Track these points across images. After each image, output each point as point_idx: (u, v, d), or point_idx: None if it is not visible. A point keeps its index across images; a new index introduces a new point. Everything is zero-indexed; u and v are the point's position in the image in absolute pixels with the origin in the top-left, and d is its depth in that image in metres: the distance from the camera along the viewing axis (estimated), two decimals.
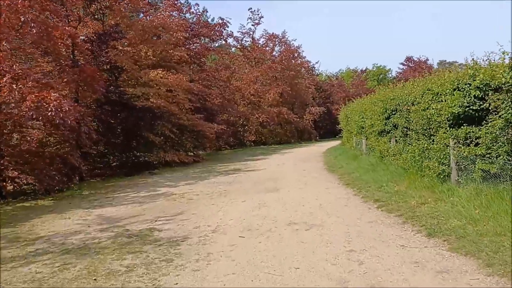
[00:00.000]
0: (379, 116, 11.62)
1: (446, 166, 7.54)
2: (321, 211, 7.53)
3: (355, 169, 12.50)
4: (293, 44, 47.78)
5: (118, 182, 15.49)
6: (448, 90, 7.44)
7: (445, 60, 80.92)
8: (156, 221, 7.94)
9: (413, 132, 9.12)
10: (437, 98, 7.91)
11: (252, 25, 44.46)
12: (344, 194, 9.18)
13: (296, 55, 48.40)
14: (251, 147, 38.45)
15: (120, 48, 19.73)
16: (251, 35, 45.01)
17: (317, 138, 49.37)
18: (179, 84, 21.03)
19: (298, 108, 47.66)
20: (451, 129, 7.40)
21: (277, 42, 47.54)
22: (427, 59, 76.41)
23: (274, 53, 47.38)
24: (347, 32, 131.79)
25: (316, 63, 67.69)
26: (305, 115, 46.65)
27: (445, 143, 7.56)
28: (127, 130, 19.62)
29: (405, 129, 9.76)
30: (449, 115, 7.36)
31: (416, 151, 8.78)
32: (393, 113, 10.66)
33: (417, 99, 8.82)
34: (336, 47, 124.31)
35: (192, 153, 23.93)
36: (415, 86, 9.22)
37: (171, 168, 19.48)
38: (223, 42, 37.93)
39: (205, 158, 24.15)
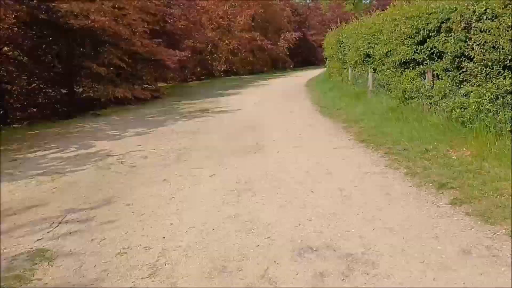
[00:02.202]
0: (405, 40, 8.13)
1: None
2: (350, 210, 4.25)
3: (363, 114, 9.20)
4: None
5: (46, 129, 11.71)
6: None
7: None
8: (59, 223, 4.53)
9: (479, 64, 5.74)
10: None
11: None
12: (368, 162, 5.90)
13: None
14: (221, 77, 34.49)
15: None
16: None
17: (292, 67, 45.53)
18: None
19: (272, 33, 43.09)
20: None
21: None
22: None
23: None
24: None
25: None
26: (280, 42, 42.33)
27: None
28: (62, 59, 15.41)
29: (459, 59, 6.37)
30: None
31: (487, 94, 5.50)
32: (433, 34, 7.20)
33: (496, 9, 5.36)
34: None
35: (150, 87, 19.99)
36: None
37: (123, 108, 15.71)
38: None
39: (166, 93, 20.33)
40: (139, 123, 11.60)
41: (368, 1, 74.72)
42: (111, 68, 16.80)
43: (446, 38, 6.69)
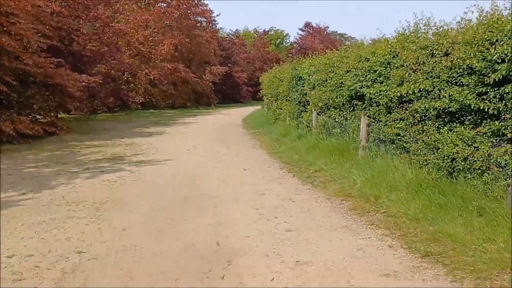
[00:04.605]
0: (457, 77, 5.15)
1: None
2: None
3: (372, 186, 5.97)
4: None
5: None
6: None
7: (336, 31, 79.32)
8: None
9: None
10: None
11: None
12: None
13: (196, 2, 40.08)
14: (138, 110, 30.14)
15: None
16: None
17: (216, 103, 42.39)
18: (19, 2, 12.31)
19: (197, 66, 39.88)
20: None
21: None
22: (327, 27, 73.12)
23: None
24: None
25: (218, 15, 59.12)
26: (205, 75, 39.16)
27: None
28: None
29: None
30: None
31: None
32: None
33: None
34: (231, 4, 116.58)
35: (45, 119, 15.26)
36: None
37: None
38: None
39: (67, 128, 15.67)
40: (8, 181, 7.28)
41: (288, 44, 75.49)
42: None
43: None
